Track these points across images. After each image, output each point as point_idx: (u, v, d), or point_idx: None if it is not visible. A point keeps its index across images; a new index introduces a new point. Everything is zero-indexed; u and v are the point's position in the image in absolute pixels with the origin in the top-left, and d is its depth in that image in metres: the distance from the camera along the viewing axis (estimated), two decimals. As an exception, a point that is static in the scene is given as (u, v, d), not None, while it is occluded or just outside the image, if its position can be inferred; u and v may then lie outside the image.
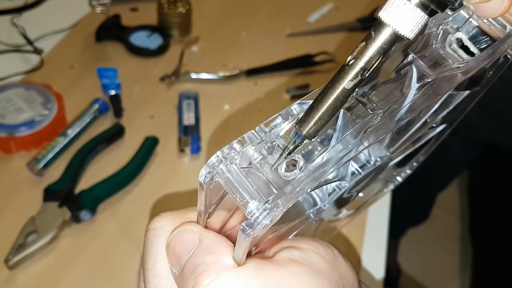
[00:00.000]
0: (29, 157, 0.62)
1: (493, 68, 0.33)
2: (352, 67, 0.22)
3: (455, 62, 0.28)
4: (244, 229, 0.22)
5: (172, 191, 0.63)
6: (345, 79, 0.22)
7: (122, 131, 0.68)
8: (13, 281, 0.52)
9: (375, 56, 0.22)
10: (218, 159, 0.23)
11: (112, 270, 0.55)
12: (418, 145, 0.41)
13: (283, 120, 0.25)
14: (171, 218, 0.28)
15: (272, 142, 0.24)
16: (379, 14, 0.21)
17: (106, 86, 0.72)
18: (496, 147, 1.14)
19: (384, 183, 0.50)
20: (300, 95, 0.78)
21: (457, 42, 0.28)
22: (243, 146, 0.24)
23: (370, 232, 0.63)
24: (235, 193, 0.23)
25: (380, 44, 0.22)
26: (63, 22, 0.85)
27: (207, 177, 0.23)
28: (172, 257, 0.26)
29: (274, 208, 0.22)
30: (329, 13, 0.98)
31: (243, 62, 0.83)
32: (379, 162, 0.34)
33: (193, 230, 0.26)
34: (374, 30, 0.22)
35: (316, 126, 0.23)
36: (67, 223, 0.57)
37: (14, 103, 0.66)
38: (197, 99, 0.74)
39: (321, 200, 0.34)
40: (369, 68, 0.22)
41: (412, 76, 0.26)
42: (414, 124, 0.34)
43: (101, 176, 0.61)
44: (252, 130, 0.24)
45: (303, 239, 0.28)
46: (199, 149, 0.67)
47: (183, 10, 0.85)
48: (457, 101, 0.36)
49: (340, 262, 0.28)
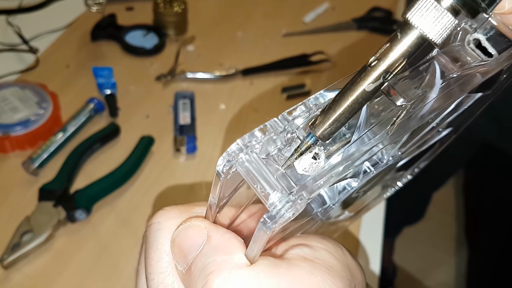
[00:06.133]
0: (24, 156, 0.62)
1: (508, 72, 0.32)
2: (375, 68, 0.21)
3: (475, 61, 0.27)
4: (265, 222, 0.21)
5: (167, 190, 0.63)
6: (366, 80, 0.21)
7: (118, 130, 0.68)
8: (8, 280, 0.52)
9: (399, 59, 0.21)
10: (238, 148, 0.22)
11: (107, 269, 0.55)
12: (423, 148, 0.40)
13: (306, 109, 0.23)
14: (176, 212, 0.27)
15: (292, 133, 0.23)
16: (407, 15, 0.20)
17: (101, 86, 0.72)
18: (492, 146, 1.15)
19: (384, 188, 0.49)
20: (296, 95, 0.78)
21: (474, 42, 0.27)
22: (265, 134, 0.22)
23: (365, 233, 0.63)
24: (256, 184, 0.21)
25: (406, 47, 0.21)
26: (59, 21, 0.85)
27: (226, 166, 0.22)
28: (178, 253, 0.25)
29: (298, 200, 0.21)
30: (325, 13, 0.98)
31: (239, 61, 0.83)
32: (391, 161, 0.33)
33: (201, 225, 0.25)
34: (400, 31, 0.21)
35: (331, 127, 0.22)
36: (62, 223, 0.57)
37: (9, 103, 0.65)
38: (193, 99, 0.74)
39: (331, 198, 0.33)
40: (392, 71, 0.21)
41: (434, 72, 0.25)
42: (428, 125, 0.33)
43: (97, 175, 0.61)
44: (274, 117, 0.23)
45: (312, 237, 0.27)
46: (195, 149, 0.67)
47: (178, 10, 0.85)
48: (468, 103, 0.34)
49: (350, 261, 0.27)
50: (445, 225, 1.65)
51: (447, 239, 1.63)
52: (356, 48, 0.90)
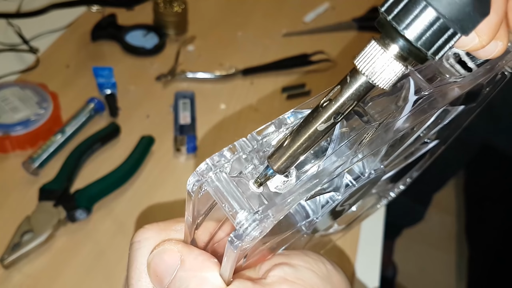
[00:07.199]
0: (25, 156, 0.62)
1: (490, 85, 0.32)
2: (326, 109, 0.22)
3: (452, 76, 0.27)
4: (232, 241, 0.21)
5: (167, 190, 0.63)
6: (318, 120, 0.22)
7: (118, 130, 0.68)
8: (8, 280, 0.52)
9: (349, 102, 0.21)
10: (208, 167, 0.22)
11: (107, 269, 0.55)
12: (410, 160, 0.41)
13: (276, 128, 0.24)
14: (156, 230, 0.27)
15: (264, 152, 0.24)
16: (355, 61, 0.21)
17: (101, 85, 0.72)
18: (491, 147, 1.15)
19: (377, 198, 0.49)
20: (296, 95, 0.78)
21: (454, 57, 0.27)
22: (234, 154, 0.23)
23: (366, 233, 0.63)
24: (224, 203, 0.22)
25: (354, 91, 0.21)
26: (59, 21, 0.85)
27: (196, 185, 0.23)
28: (154, 278, 0.25)
29: (264, 219, 0.21)
30: (325, 12, 0.98)
31: (239, 61, 0.83)
32: (373, 175, 0.33)
33: (174, 249, 0.25)
34: (350, 76, 0.21)
35: (287, 162, 0.23)
36: (62, 222, 0.57)
37: (10, 103, 0.65)
38: (193, 99, 0.74)
39: (314, 212, 0.33)
40: (343, 112, 0.22)
41: (409, 88, 0.26)
42: (408, 138, 0.34)
43: (97, 175, 0.61)
44: (243, 138, 0.23)
45: (295, 254, 0.27)
46: (195, 149, 0.67)
47: (179, 9, 0.85)
48: (452, 116, 0.35)
49: (334, 276, 0.27)
50: (445, 225, 1.65)
51: (448, 239, 1.63)
52: (356, 48, 0.90)
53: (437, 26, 0.19)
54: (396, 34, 0.20)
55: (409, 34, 0.20)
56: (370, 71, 0.20)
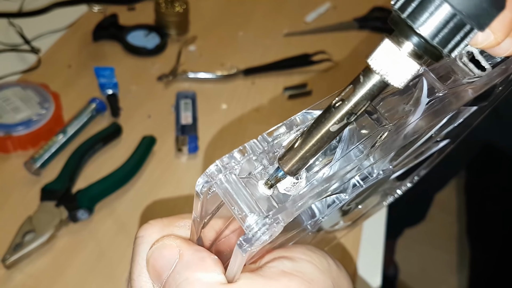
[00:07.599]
0: (26, 156, 0.62)
1: (503, 84, 0.31)
2: (338, 110, 0.21)
3: (466, 76, 0.26)
4: (241, 244, 0.21)
5: (169, 190, 0.63)
6: (330, 121, 0.21)
7: (119, 130, 0.68)
8: (10, 280, 0.52)
9: (362, 102, 0.21)
10: (217, 168, 0.22)
11: (109, 270, 0.55)
12: (420, 159, 0.40)
13: (287, 130, 0.23)
14: (159, 226, 0.27)
15: (275, 153, 0.23)
16: (368, 60, 0.20)
17: (103, 86, 0.72)
18: (493, 146, 1.15)
19: (383, 196, 0.49)
20: (298, 95, 0.78)
21: (467, 55, 0.27)
22: (244, 156, 0.22)
23: (367, 234, 0.63)
24: (233, 206, 0.21)
25: (368, 91, 0.21)
26: (60, 22, 0.85)
27: (205, 186, 0.22)
28: (153, 273, 0.25)
29: (274, 223, 0.21)
30: (326, 12, 0.98)
31: (241, 61, 0.83)
32: (381, 175, 0.33)
33: (173, 244, 0.25)
34: (363, 74, 0.21)
35: (298, 164, 0.22)
36: (64, 223, 0.57)
37: (11, 103, 0.65)
38: (195, 99, 0.74)
39: (320, 212, 0.33)
40: (356, 112, 0.21)
41: (422, 89, 0.25)
42: (420, 138, 0.33)
43: (98, 175, 0.61)
44: (254, 139, 0.23)
45: (297, 248, 0.27)
46: (197, 149, 0.67)
47: (180, 10, 0.85)
48: (464, 116, 0.34)
49: (334, 271, 0.27)
50: (446, 225, 1.65)
51: (449, 240, 1.62)
52: (357, 47, 0.90)
53: (454, 22, 0.19)
54: (411, 32, 0.19)
55: (424, 31, 0.19)
56: (384, 70, 0.20)
